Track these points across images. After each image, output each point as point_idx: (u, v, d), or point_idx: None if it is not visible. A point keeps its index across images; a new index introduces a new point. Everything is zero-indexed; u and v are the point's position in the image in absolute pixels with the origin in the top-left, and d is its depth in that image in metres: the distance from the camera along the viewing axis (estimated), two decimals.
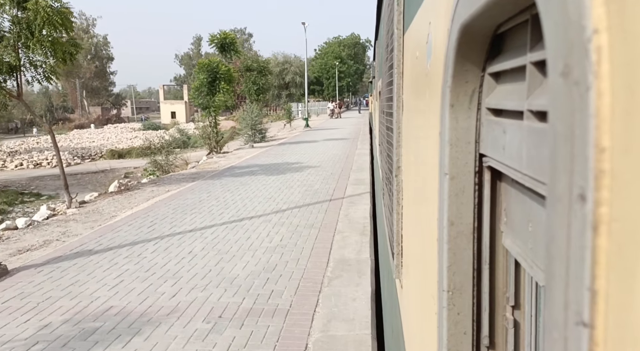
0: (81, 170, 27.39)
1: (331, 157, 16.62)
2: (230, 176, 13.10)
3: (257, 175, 12.88)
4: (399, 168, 2.07)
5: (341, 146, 20.08)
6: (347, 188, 10.74)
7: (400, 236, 2.04)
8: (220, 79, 20.01)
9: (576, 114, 0.33)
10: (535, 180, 0.53)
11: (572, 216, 0.33)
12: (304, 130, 31.60)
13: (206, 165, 16.45)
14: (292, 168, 14.08)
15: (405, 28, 1.88)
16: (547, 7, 0.38)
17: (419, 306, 1.38)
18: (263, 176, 12.76)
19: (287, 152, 18.65)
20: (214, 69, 19.95)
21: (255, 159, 16.59)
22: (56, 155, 11.60)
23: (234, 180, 12.38)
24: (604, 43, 0.30)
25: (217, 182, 12.14)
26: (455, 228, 0.83)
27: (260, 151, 19.35)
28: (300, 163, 15.19)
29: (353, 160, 15.46)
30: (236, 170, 14.13)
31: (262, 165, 15.12)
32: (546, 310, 0.38)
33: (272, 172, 13.34)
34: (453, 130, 0.81)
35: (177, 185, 12.29)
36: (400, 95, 2.01)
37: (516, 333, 0.78)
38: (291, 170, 13.60)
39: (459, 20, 0.73)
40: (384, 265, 4.37)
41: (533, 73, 0.54)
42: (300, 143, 21.95)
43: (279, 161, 15.86)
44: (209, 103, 20.22)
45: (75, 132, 55.23)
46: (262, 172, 13.57)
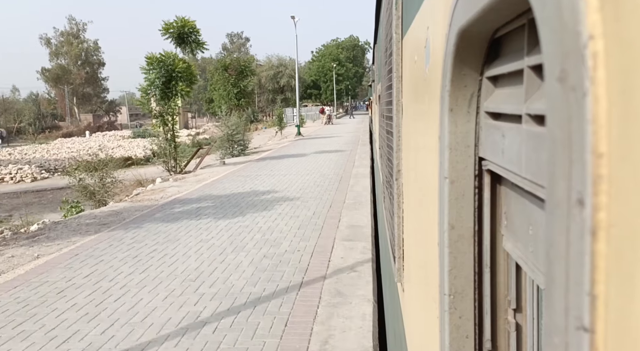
0: (47, 185, 23.39)
1: (319, 180, 12.17)
2: (160, 221, 8.40)
3: (201, 219, 8.35)
4: (399, 171, 2.07)
5: (334, 161, 15.75)
6: (335, 249, 6.37)
7: (402, 239, 2.04)
8: (177, 78, 15.75)
9: (573, 120, 0.33)
10: (534, 183, 0.53)
11: (571, 221, 0.33)
12: (295, 139, 27.70)
13: (149, 193, 12.15)
14: (258, 203, 9.52)
15: (404, 32, 1.89)
16: (543, 12, 0.39)
17: (420, 309, 1.37)
18: (208, 221, 8.23)
19: (264, 171, 14.25)
20: (168, 65, 15.67)
21: (216, 186, 12.10)
22: None
23: (159, 230, 7.73)
24: (600, 49, 0.31)
25: (128, 236, 7.45)
26: (456, 231, 0.83)
27: (230, 171, 14.95)
28: (274, 192, 10.71)
29: (348, 186, 11.02)
30: (176, 208, 9.51)
31: (219, 196, 10.57)
32: (547, 315, 0.38)
33: (226, 213, 8.78)
34: (452, 134, 0.82)
35: (66, 241, 7.59)
36: (400, 99, 2.01)
37: (518, 337, 0.78)
38: (255, 208, 9.09)
39: (456, 25, 0.73)
40: (385, 268, 4.37)
41: (531, 77, 0.54)
42: (285, 158, 17.50)
43: (246, 189, 11.29)
44: (163, 109, 15.90)
45: (59, 141, 51.10)
46: (211, 211, 9.02)
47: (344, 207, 8.91)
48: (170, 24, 16.57)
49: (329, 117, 42.88)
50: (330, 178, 12.27)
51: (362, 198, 9.76)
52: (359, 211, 8.58)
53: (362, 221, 7.91)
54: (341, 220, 8.02)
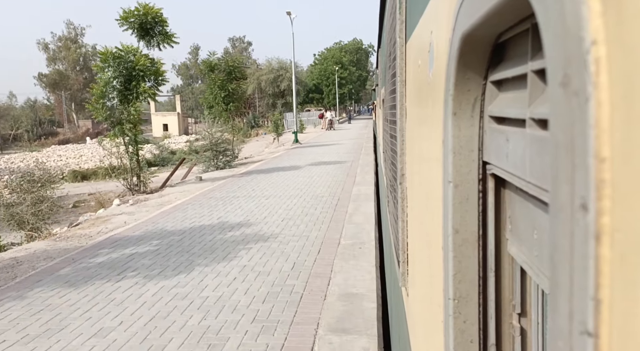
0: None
1: (309, 204, 9.47)
2: (61, 283, 5.67)
3: (124, 280, 5.68)
4: (403, 175, 2.07)
5: (332, 176, 13.06)
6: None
7: (406, 244, 2.04)
8: (139, 77, 12.93)
9: (576, 124, 0.33)
10: (539, 187, 0.53)
11: (575, 225, 0.34)
12: (291, 146, 25.42)
13: (89, 224, 9.52)
14: (218, 247, 6.82)
15: (408, 37, 1.89)
16: (546, 18, 0.39)
17: (425, 314, 1.37)
18: (133, 282, 5.59)
19: (243, 192, 11.40)
20: (128, 62, 12.83)
21: (175, 215, 9.23)
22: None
23: (46, 305, 5.05)
24: (603, 54, 0.31)
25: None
26: (460, 236, 0.83)
27: (205, 190, 12.13)
28: (246, 226, 7.88)
29: (346, 215, 8.24)
30: (101, 255, 6.79)
31: (170, 233, 7.74)
32: (551, 319, 0.38)
33: (166, 266, 6.13)
34: (456, 138, 0.82)
35: None
36: (404, 103, 2.01)
37: (523, 341, 0.77)
38: (212, 256, 6.40)
39: (460, 29, 0.74)
40: (389, 272, 4.36)
41: (534, 81, 0.54)
42: (274, 172, 14.77)
43: (211, 221, 8.43)
44: (121, 116, 12.89)
45: (52, 149, 48.89)
46: (147, 261, 6.34)
47: (337, 254, 6.14)
48: (130, 11, 13.35)
49: (330, 123, 40.17)
50: (324, 202, 9.66)
51: (364, 235, 6.91)
52: (359, 261, 5.70)
53: (364, 282, 5.17)
54: (332, 280, 5.30)
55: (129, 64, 12.82)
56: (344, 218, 8.21)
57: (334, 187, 11.40)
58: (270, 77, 55.09)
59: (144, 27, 13.46)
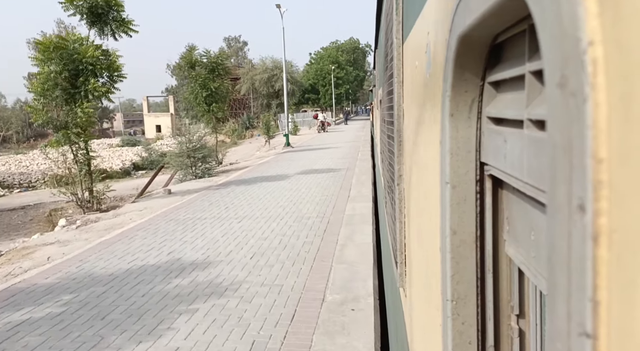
0: (1, 204, 18.33)
1: (290, 231, 7.42)
2: None
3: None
4: (401, 176, 2.07)
5: (322, 189, 11.11)
6: None
7: (404, 245, 2.04)
8: (87, 72, 10.85)
9: (573, 125, 0.33)
10: (536, 188, 0.53)
11: (572, 226, 0.33)
12: (282, 150, 23.44)
13: (1, 261, 7.52)
14: (146, 311, 4.63)
15: (405, 37, 1.90)
16: (543, 19, 0.39)
17: (423, 315, 1.37)
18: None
19: (212, 212, 9.29)
20: (73, 54, 10.72)
21: (114, 248, 7.02)
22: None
23: None
24: (600, 55, 0.31)
25: None
26: (458, 237, 0.83)
27: (168, 208, 9.97)
28: (201, 268, 5.84)
29: (335, 248, 6.43)
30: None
31: (98, 279, 5.65)
32: (549, 321, 0.38)
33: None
34: (453, 139, 0.82)
35: None
36: (401, 104, 2.02)
37: (521, 342, 0.77)
38: (131, 330, 4.20)
39: (457, 30, 0.74)
40: (387, 273, 4.36)
41: (532, 82, 0.54)
42: (256, 183, 12.63)
43: (159, 259, 6.32)
44: (67, 118, 10.85)
45: (39, 151, 46.57)
46: (34, 344, 3.99)
47: (319, 322, 4.19)
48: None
49: (322, 125, 37.01)
50: (309, 226, 7.60)
51: (359, 284, 5.08)
52: (351, 338, 3.90)
53: None
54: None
55: (75, 56, 10.69)
56: (332, 252, 6.23)
57: (324, 204, 9.34)
58: (264, 77, 54.05)
59: (94, 12, 11.23)
